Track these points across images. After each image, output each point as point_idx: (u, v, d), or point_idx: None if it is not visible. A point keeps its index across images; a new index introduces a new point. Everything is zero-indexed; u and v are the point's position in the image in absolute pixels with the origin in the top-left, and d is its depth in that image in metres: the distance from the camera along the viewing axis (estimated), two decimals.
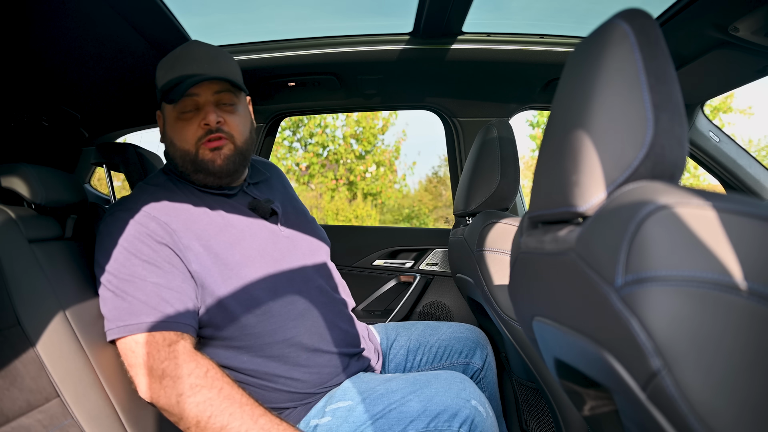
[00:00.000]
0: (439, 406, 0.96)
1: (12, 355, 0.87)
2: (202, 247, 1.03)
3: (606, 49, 0.53)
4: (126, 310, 0.94)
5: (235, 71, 1.11)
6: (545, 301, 0.64)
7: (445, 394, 0.98)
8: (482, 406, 0.97)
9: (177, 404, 0.87)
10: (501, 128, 1.38)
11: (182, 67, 1.05)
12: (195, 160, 1.07)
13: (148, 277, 0.95)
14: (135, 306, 0.94)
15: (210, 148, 1.06)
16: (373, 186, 13.18)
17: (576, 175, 0.54)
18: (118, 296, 0.95)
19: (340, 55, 1.62)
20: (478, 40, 1.60)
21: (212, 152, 1.07)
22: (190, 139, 1.07)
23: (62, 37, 1.26)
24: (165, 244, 0.99)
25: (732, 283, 0.39)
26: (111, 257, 0.97)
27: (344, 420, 0.99)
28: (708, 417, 0.39)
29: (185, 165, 1.09)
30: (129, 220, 1.00)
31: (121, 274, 0.96)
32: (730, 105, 11.01)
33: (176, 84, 1.04)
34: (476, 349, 1.36)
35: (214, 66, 1.06)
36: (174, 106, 1.07)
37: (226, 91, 1.08)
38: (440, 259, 2.07)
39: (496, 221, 1.24)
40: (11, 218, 1.04)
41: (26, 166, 1.13)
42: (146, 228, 0.99)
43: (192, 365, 0.89)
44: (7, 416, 0.80)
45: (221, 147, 1.07)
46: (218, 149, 1.07)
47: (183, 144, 1.07)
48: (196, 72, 1.04)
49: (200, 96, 1.06)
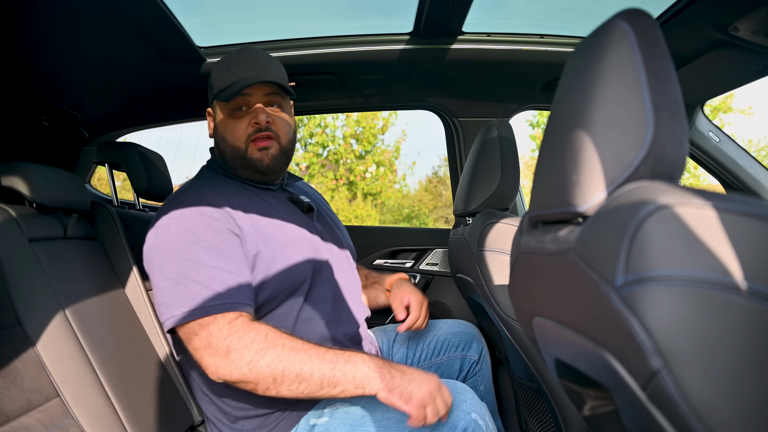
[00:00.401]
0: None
1: (12, 355, 0.87)
2: (254, 228, 1.08)
3: (606, 49, 0.53)
4: (188, 296, 0.96)
5: (283, 76, 1.20)
6: (545, 300, 0.64)
7: None
8: (482, 420, 0.97)
9: (250, 371, 0.92)
10: (501, 128, 1.38)
11: (236, 70, 1.14)
12: (244, 156, 1.15)
13: (209, 261, 0.99)
14: (197, 291, 0.96)
15: (258, 147, 1.14)
16: (373, 186, 13.18)
17: (576, 175, 0.54)
18: (180, 283, 0.97)
19: (340, 55, 1.62)
20: (479, 40, 1.60)
21: (260, 152, 1.15)
22: (241, 136, 1.14)
23: (62, 37, 1.26)
24: (224, 228, 1.03)
25: (732, 283, 0.39)
26: (170, 248, 1.00)
27: (342, 422, 1.00)
28: (708, 416, 0.39)
29: (234, 160, 1.16)
30: (186, 211, 1.04)
31: (182, 262, 0.98)
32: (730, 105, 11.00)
33: (230, 84, 1.13)
34: (472, 343, 1.41)
35: (266, 70, 1.15)
36: (227, 104, 1.15)
37: (275, 94, 1.17)
38: (440, 259, 2.07)
39: (496, 221, 1.24)
40: (12, 217, 1.04)
41: (27, 164, 1.13)
42: (204, 215, 1.03)
43: (252, 333, 0.94)
44: (8, 416, 0.81)
45: (269, 147, 1.15)
46: (266, 149, 1.15)
47: (234, 140, 1.15)
48: (249, 75, 1.13)
49: (252, 96, 1.14)
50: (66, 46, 1.31)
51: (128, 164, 1.62)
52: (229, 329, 0.94)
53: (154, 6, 1.20)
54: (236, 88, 1.11)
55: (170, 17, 1.28)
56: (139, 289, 1.34)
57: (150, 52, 1.43)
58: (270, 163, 1.15)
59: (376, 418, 0.99)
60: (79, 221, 1.29)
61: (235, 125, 1.15)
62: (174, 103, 1.89)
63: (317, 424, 1.02)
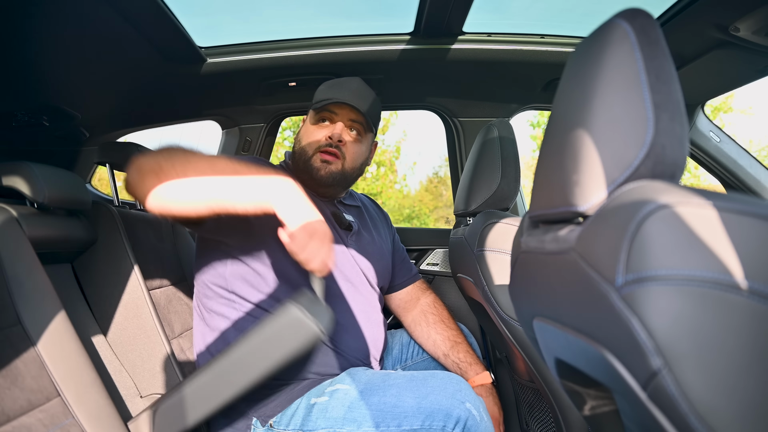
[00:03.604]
0: (433, 404, 0.98)
1: (13, 355, 0.87)
2: None
3: (606, 49, 0.53)
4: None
5: (375, 113, 1.31)
6: (546, 300, 0.64)
7: (440, 394, 0.99)
8: (477, 410, 0.98)
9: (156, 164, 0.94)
10: (502, 128, 1.38)
11: (338, 90, 1.26)
12: (308, 161, 1.24)
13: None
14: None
15: (322, 159, 1.23)
16: (374, 186, 13.18)
17: (576, 175, 0.54)
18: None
19: (340, 55, 1.62)
20: (479, 40, 1.60)
21: (322, 163, 1.23)
22: (314, 144, 1.24)
23: (63, 37, 1.26)
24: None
25: (732, 282, 0.39)
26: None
27: (341, 402, 1.02)
28: (708, 416, 0.39)
29: (299, 162, 1.26)
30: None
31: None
32: (731, 105, 11.00)
33: (326, 99, 1.24)
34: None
35: (361, 101, 1.25)
36: (315, 114, 1.27)
37: (358, 123, 1.27)
38: (441, 259, 2.07)
39: (496, 221, 1.24)
40: (13, 217, 1.04)
41: (28, 164, 1.13)
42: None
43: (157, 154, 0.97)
44: (8, 415, 0.81)
45: (331, 162, 1.23)
46: (328, 163, 1.23)
47: (306, 145, 1.25)
48: (345, 97, 1.24)
49: (338, 115, 1.25)
50: (66, 46, 1.31)
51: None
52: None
53: (155, 6, 1.20)
54: (328, 102, 1.23)
55: (171, 17, 1.28)
56: (140, 288, 1.34)
57: (150, 52, 1.43)
58: (325, 176, 1.22)
59: (373, 402, 1.01)
60: (79, 221, 1.29)
61: (314, 132, 1.25)
62: (174, 103, 1.89)
63: (317, 403, 1.05)
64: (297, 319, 0.89)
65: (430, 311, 1.48)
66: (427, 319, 1.46)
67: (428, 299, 1.51)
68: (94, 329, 1.29)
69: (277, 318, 0.91)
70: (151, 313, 1.34)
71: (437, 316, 1.46)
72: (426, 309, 1.48)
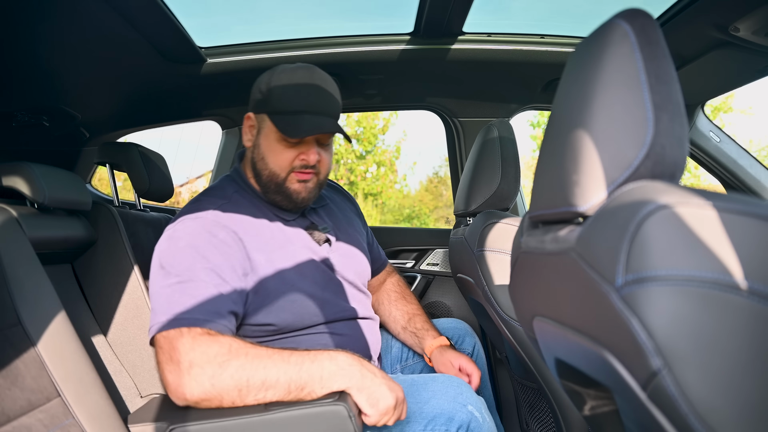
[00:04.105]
0: (435, 409, 0.97)
1: (13, 355, 0.87)
2: (265, 259, 1.06)
3: (606, 49, 0.53)
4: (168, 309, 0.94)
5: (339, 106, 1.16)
6: (546, 300, 0.64)
7: (442, 398, 0.99)
8: (479, 412, 0.98)
9: (212, 386, 0.87)
10: (502, 128, 1.38)
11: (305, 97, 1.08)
12: (281, 184, 1.12)
13: (206, 280, 0.96)
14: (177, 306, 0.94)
15: (298, 179, 1.11)
16: (374, 186, 13.18)
17: (576, 175, 0.54)
18: (171, 296, 0.95)
19: (340, 55, 1.62)
20: (479, 41, 1.60)
21: (299, 183, 1.12)
22: (285, 166, 1.10)
23: (63, 37, 1.26)
24: (230, 254, 1.01)
25: (732, 283, 0.39)
26: (176, 260, 0.98)
27: None
28: (708, 416, 0.39)
29: (269, 184, 1.13)
30: (199, 228, 1.02)
31: (181, 276, 0.96)
32: (731, 105, 10.99)
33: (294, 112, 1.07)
34: (465, 337, 1.44)
35: (331, 106, 1.11)
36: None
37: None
38: (441, 259, 2.07)
39: (496, 221, 1.24)
40: (13, 217, 1.04)
41: (28, 164, 1.13)
42: (216, 237, 1.01)
43: (215, 347, 0.89)
44: (9, 416, 0.81)
45: (308, 181, 1.12)
46: (305, 182, 1.12)
47: (275, 167, 1.11)
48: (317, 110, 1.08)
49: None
50: (67, 46, 1.31)
51: (129, 164, 1.62)
52: (193, 344, 0.89)
53: (155, 6, 1.20)
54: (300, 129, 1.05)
55: (171, 18, 1.28)
56: (140, 289, 1.34)
57: (151, 52, 1.43)
58: (306, 197, 1.14)
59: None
60: (79, 221, 1.29)
61: (283, 153, 1.10)
62: (174, 103, 1.89)
63: None
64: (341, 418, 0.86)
65: (392, 290, 1.48)
66: (389, 297, 1.46)
67: (393, 279, 1.52)
68: (94, 329, 1.29)
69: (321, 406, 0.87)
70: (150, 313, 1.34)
71: (399, 293, 1.47)
72: (389, 288, 1.48)
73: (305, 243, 1.16)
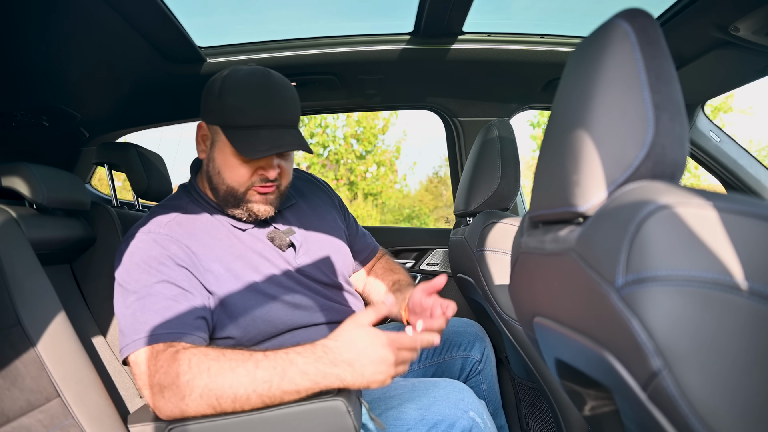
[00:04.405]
0: (436, 415, 0.96)
1: (13, 355, 0.87)
2: (224, 269, 1.02)
3: (607, 49, 0.53)
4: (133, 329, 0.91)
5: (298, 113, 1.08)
6: (546, 300, 0.64)
7: (443, 404, 0.98)
8: (480, 418, 0.97)
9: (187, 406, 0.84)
10: (501, 128, 1.38)
11: (260, 110, 1.00)
12: (241, 199, 1.06)
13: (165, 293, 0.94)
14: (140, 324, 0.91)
15: (259, 192, 1.05)
16: (374, 186, 13.18)
17: (576, 175, 0.54)
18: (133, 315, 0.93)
19: (340, 55, 1.62)
20: (479, 40, 1.60)
21: (260, 196, 1.06)
22: (243, 181, 1.04)
23: (63, 36, 1.26)
24: (185, 267, 0.98)
25: (732, 283, 0.39)
26: (131, 277, 0.96)
27: None
28: (708, 417, 0.39)
29: (227, 198, 1.06)
30: (151, 242, 0.99)
31: (139, 292, 0.94)
32: (731, 105, 11.00)
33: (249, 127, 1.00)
34: (475, 342, 1.39)
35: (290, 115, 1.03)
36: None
37: None
38: (441, 259, 2.06)
39: (496, 221, 1.24)
40: (12, 217, 1.04)
41: (27, 165, 1.13)
42: (168, 251, 0.98)
43: (176, 366, 0.85)
44: (8, 416, 0.81)
45: (269, 193, 1.07)
46: (266, 195, 1.06)
47: (233, 182, 1.04)
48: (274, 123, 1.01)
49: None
50: (66, 46, 1.31)
51: (127, 165, 1.62)
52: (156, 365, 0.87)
53: (155, 6, 1.20)
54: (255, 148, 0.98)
55: (171, 17, 1.27)
56: None
57: (150, 53, 1.43)
58: (267, 208, 1.07)
59: (375, 414, 0.99)
60: (78, 221, 1.29)
61: (240, 168, 1.03)
62: (174, 103, 1.89)
63: None
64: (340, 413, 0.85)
65: (379, 267, 1.41)
66: (375, 274, 1.40)
67: (381, 260, 1.45)
68: (93, 330, 1.29)
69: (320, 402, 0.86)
70: None
71: (384, 268, 1.40)
72: (376, 269, 1.42)
73: (266, 250, 1.10)
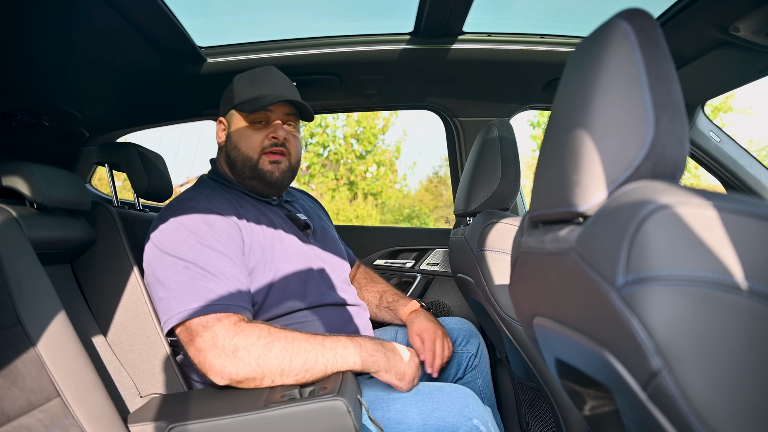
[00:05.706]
0: (439, 421, 0.96)
1: (13, 355, 0.87)
2: (257, 242, 1.13)
3: (607, 49, 0.53)
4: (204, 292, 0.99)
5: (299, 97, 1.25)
6: (546, 300, 0.64)
7: (447, 409, 0.98)
8: (484, 425, 0.97)
9: (258, 366, 0.94)
10: (502, 128, 1.38)
11: (262, 85, 1.21)
12: (255, 167, 1.20)
13: (224, 267, 1.03)
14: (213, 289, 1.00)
15: (270, 160, 1.20)
16: (374, 186, 13.18)
17: (576, 175, 0.54)
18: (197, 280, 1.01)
19: (340, 55, 1.62)
20: (479, 40, 1.60)
21: (271, 164, 1.21)
22: (256, 147, 1.20)
23: (63, 37, 1.26)
24: (232, 239, 1.08)
25: (733, 283, 0.39)
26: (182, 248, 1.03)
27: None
28: (708, 416, 0.39)
29: (244, 169, 1.21)
30: (197, 215, 1.08)
31: (199, 263, 1.02)
32: (731, 105, 11.01)
33: (255, 98, 1.19)
34: (470, 338, 1.44)
35: (290, 91, 1.22)
36: (248, 115, 1.21)
37: (293, 115, 1.25)
38: (441, 259, 2.07)
39: (496, 221, 1.24)
40: (12, 217, 1.04)
41: (28, 164, 1.13)
42: (214, 225, 1.08)
43: (257, 330, 0.97)
44: (8, 415, 0.81)
45: (280, 162, 1.21)
46: (277, 163, 1.21)
47: (248, 150, 1.21)
48: (274, 92, 1.20)
49: (273, 113, 1.22)
50: (66, 46, 1.31)
51: (128, 165, 1.62)
52: (234, 329, 0.97)
53: (155, 6, 1.20)
54: (263, 102, 1.16)
55: (171, 17, 1.28)
56: (139, 289, 1.34)
57: (150, 52, 1.43)
58: (279, 177, 1.21)
59: (377, 418, 0.99)
60: (79, 221, 1.29)
61: (253, 135, 1.20)
62: (174, 103, 1.89)
63: None
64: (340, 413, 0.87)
65: (361, 278, 1.55)
66: (360, 285, 1.53)
67: (360, 270, 1.59)
68: (94, 329, 1.29)
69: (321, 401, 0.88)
70: (150, 313, 1.33)
71: (367, 279, 1.54)
72: (358, 278, 1.56)
73: (289, 225, 1.23)
